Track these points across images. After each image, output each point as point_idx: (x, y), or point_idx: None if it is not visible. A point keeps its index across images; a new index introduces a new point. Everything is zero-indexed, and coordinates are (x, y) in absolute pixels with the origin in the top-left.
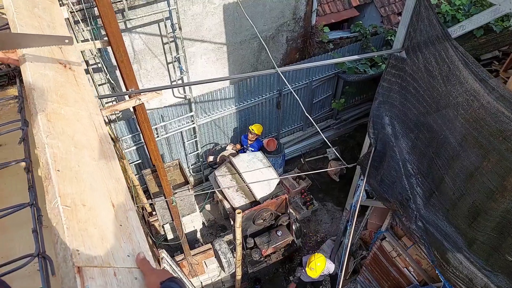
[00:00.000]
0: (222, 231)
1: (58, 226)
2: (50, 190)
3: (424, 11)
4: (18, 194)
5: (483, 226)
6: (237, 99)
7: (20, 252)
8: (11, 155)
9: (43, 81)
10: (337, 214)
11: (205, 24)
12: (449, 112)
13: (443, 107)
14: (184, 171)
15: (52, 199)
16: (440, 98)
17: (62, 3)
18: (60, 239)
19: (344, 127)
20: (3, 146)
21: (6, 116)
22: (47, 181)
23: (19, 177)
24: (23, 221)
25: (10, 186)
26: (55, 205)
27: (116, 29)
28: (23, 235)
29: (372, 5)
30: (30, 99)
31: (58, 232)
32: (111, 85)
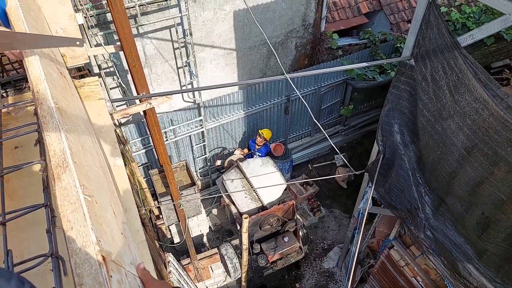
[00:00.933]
0: (229, 236)
1: (76, 214)
2: (65, 178)
3: (433, 20)
4: (33, 195)
5: (493, 237)
6: (245, 104)
7: (34, 252)
8: (28, 157)
9: (51, 78)
10: (344, 221)
11: (215, 30)
12: (457, 120)
13: (451, 115)
14: (191, 173)
15: (68, 187)
16: (448, 106)
17: (77, 9)
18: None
19: (352, 134)
20: (19, 148)
21: (23, 119)
22: (61, 169)
23: (34, 178)
24: (37, 221)
25: (25, 187)
26: (73, 193)
27: (129, 34)
28: (37, 235)
29: (382, 12)
30: (41, 90)
31: (76, 219)
32: (122, 89)
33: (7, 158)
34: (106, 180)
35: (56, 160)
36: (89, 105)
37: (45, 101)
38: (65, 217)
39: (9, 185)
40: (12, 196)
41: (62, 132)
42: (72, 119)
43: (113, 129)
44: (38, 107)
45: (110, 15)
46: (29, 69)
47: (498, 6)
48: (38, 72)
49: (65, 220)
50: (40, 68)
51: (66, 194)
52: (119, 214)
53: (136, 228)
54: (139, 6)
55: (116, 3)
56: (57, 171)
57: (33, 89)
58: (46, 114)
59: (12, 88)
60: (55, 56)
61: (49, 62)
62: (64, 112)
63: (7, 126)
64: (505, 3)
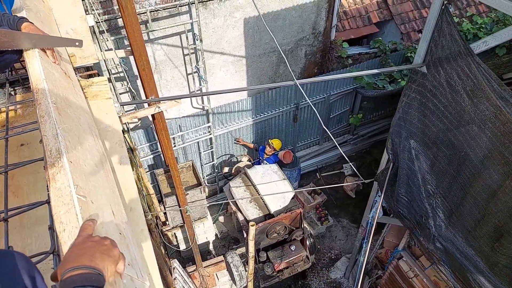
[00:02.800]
0: (235, 243)
1: (68, 215)
2: (59, 178)
3: (446, 27)
4: (37, 192)
5: (505, 248)
6: (254, 111)
7: (36, 249)
8: (33, 154)
9: (52, 77)
10: (352, 231)
11: (225, 37)
12: (473, 127)
13: (467, 122)
14: (197, 173)
15: (62, 187)
16: (463, 113)
17: (88, 12)
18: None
19: (361, 143)
20: (25, 145)
21: (31, 117)
22: (55, 169)
23: (39, 176)
24: (40, 219)
25: (30, 184)
26: (66, 193)
27: (139, 36)
28: (40, 232)
29: (392, 22)
30: (40, 90)
31: (68, 221)
32: (131, 94)
33: (12, 155)
34: (107, 179)
35: (52, 160)
36: (97, 104)
37: (43, 101)
38: (58, 219)
39: (13, 182)
40: (16, 193)
41: (59, 132)
42: (73, 119)
43: (120, 128)
44: (37, 107)
45: (121, 20)
46: (30, 69)
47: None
48: (38, 72)
49: (58, 222)
50: (41, 68)
51: (60, 194)
52: (118, 214)
53: (140, 228)
54: (150, 12)
55: (127, 7)
56: (52, 171)
57: (33, 89)
58: (44, 114)
59: (20, 86)
60: (60, 55)
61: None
62: (63, 111)
63: (14, 123)
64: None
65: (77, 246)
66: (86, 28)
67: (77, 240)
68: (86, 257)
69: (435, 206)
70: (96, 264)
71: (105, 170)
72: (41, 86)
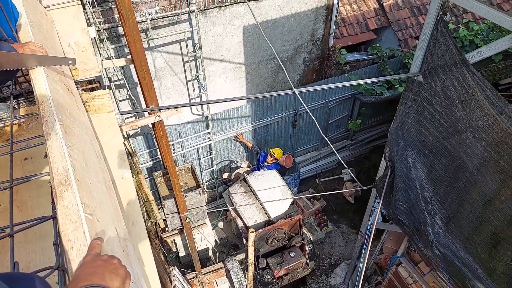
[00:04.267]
0: (235, 249)
1: (76, 233)
2: (67, 196)
3: (441, 37)
4: (41, 207)
5: (502, 255)
6: (253, 117)
7: (40, 264)
8: (37, 168)
9: (57, 95)
10: (351, 237)
11: (225, 44)
12: (468, 136)
13: (462, 131)
14: (196, 175)
15: (70, 205)
16: (458, 121)
17: (90, 23)
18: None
19: (360, 148)
20: (29, 159)
21: (34, 130)
22: (63, 187)
23: (43, 190)
24: (44, 234)
25: (34, 199)
26: (74, 211)
27: (141, 50)
28: (44, 247)
29: (390, 28)
30: (47, 108)
31: (76, 238)
32: (131, 101)
33: (16, 169)
34: (110, 196)
35: (59, 178)
36: (99, 118)
37: (50, 119)
38: (66, 236)
39: (18, 197)
40: (21, 207)
41: (66, 150)
42: (77, 136)
43: (122, 142)
44: (43, 125)
45: (121, 28)
46: (36, 85)
47: (506, 24)
48: (44, 89)
49: (65, 239)
50: (46, 85)
51: (68, 212)
52: (121, 231)
53: (142, 242)
54: (151, 20)
55: (128, 18)
56: (60, 189)
57: (39, 106)
58: (50, 132)
59: (24, 99)
60: (63, 70)
61: (56, 77)
62: (68, 129)
63: (18, 137)
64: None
65: (87, 265)
66: (88, 41)
67: (87, 258)
68: (97, 276)
69: (433, 213)
70: (107, 283)
71: (107, 187)
72: (47, 103)
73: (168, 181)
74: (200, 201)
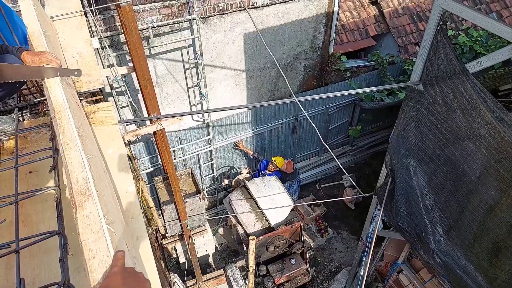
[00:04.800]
0: (235, 256)
1: (98, 243)
2: (87, 206)
3: (441, 46)
4: (46, 221)
5: (504, 264)
6: (254, 123)
7: (45, 279)
8: (42, 182)
9: (71, 106)
10: (352, 243)
11: (225, 52)
12: (469, 144)
13: (463, 139)
14: (196, 180)
15: (91, 215)
16: (459, 130)
17: (92, 31)
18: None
19: (360, 154)
20: (33, 172)
21: (39, 143)
22: (83, 197)
23: (48, 204)
24: (49, 248)
25: (39, 213)
26: (95, 221)
27: (143, 59)
28: (49, 261)
29: (389, 35)
30: (64, 117)
31: (98, 249)
32: (132, 108)
33: (21, 182)
34: (117, 211)
35: (79, 188)
36: (103, 130)
37: (68, 128)
38: (87, 246)
39: (22, 211)
40: (26, 222)
41: (86, 161)
42: (90, 148)
43: (126, 155)
44: (61, 134)
45: (123, 36)
46: (52, 96)
47: (506, 35)
48: (61, 100)
49: (87, 249)
50: (63, 95)
51: (88, 222)
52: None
53: (147, 257)
54: (152, 28)
55: (131, 27)
56: (79, 198)
57: (55, 116)
58: (69, 142)
59: (28, 112)
60: (69, 82)
61: (67, 88)
62: (84, 140)
63: (22, 150)
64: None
65: (117, 276)
66: (91, 52)
67: (114, 269)
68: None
69: (433, 221)
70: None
71: (115, 202)
72: (65, 113)
73: (168, 186)
74: (200, 206)
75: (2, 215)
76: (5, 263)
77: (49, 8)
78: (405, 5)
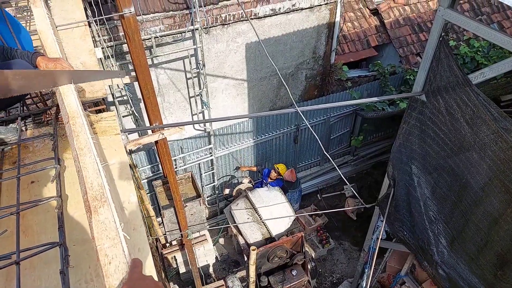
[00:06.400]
0: (235, 266)
1: (115, 249)
2: (103, 212)
3: (444, 58)
4: (47, 232)
5: (509, 277)
6: (255, 132)
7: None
8: (44, 192)
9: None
10: (354, 254)
11: (227, 61)
12: (474, 155)
13: (467, 149)
14: (196, 184)
15: (107, 221)
16: (463, 140)
17: (95, 41)
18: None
19: (362, 164)
20: (35, 182)
21: (41, 153)
22: (98, 202)
23: (49, 214)
24: (49, 259)
25: (40, 223)
26: (111, 227)
27: (146, 69)
28: (50, 273)
29: (391, 45)
30: (78, 124)
31: (115, 255)
32: (134, 117)
33: (23, 192)
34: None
35: (93, 193)
36: (105, 140)
37: (82, 134)
38: (102, 251)
39: (24, 221)
40: (27, 232)
41: (100, 167)
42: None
43: (128, 164)
44: (75, 139)
45: (126, 45)
46: (65, 101)
47: (509, 46)
48: (75, 106)
49: (102, 254)
50: (77, 101)
51: (104, 228)
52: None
53: (148, 270)
54: (155, 38)
55: (134, 38)
56: (94, 204)
57: (69, 122)
58: (83, 147)
59: (31, 121)
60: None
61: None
62: (97, 147)
63: (24, 160)
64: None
65: (139, 282)
66: (95, 62)
67: (135, 275)
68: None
69: (437, 232)
70: None
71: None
72: (79, 120)
73: (168, 190)
74: (200, 211)
75: (3, 226)
76: (5, 274)
77: (54, 18)
78: (406, 16)
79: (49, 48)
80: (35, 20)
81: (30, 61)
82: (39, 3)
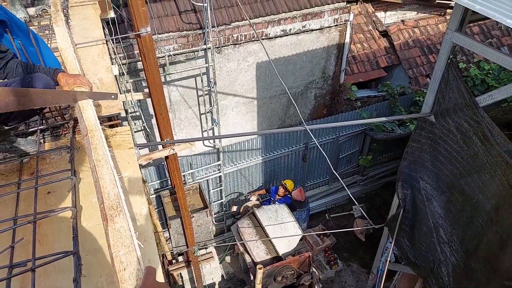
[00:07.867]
0: (241, 285)
1: (129, 257)
2: (119, 221)
3: (452, 80)
4: (62, 241)
5: None
6: (264, 150)
7: None
8: (59, 202)
9: None
10: (362, 277)
11: (238, 80)
12: (485, 173)
13: (479, 167)
14: (203, 195)
15: (122, 230)
16: (476, 157)
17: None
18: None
19: (371, 184)
20: (51, 193)
21: (57, 164)
22: (114, 211)
23: (64, 224)
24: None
25: (55, 232)
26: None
27: (159, 87)
28: (63, 281)
29: (400, 66)
30: (96, 137)
31: (129, 262)
32: (145, 132)
33: (39, 202)
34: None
35: (110, 203)
36: (119, 153)
37: (99, 146)
38: (117, 258)
39: (39, 230)
40: (42, 241)
41: (117, 178)
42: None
43: (141, 178)
44: (93, 151)
45: (140, 63)
46: (84, 115)
47: None
48: (94, 120)
49: (117, 261)
50: (95, 115)
51: (119, 236)
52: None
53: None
54: (168, 56)
55: (149, 56)
56: (111, 213)
57: (88, 134)
58: (101, 159)
59: (49, 134)
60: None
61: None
62: (113, 159)
63: (42, 171)
64: None
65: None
66: (112, 79)
67: (148, 281)
68: None
69: (448, 254)
70: None
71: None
72: (97, 132)
73: (175, 201)
74: (207, 222)
75: (20, 234)
76: (20, 281)
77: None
78: (415, 38)
79: (70, 65)
80: (57, 38)
81: (51, 76)
82: (60, 22)
